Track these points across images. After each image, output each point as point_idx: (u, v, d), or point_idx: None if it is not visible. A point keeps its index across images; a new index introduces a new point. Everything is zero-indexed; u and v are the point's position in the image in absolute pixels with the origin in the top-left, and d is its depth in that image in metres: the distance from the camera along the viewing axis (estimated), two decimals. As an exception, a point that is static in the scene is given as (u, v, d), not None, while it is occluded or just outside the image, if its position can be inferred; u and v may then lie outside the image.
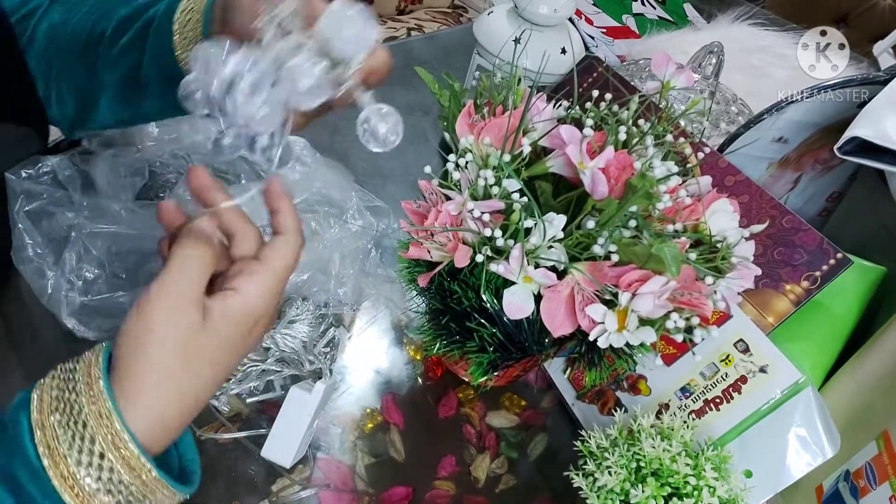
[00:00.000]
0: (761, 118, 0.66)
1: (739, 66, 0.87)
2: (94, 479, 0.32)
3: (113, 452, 0.33)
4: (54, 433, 0.32)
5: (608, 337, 0.44)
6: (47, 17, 0.58)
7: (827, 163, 0.71)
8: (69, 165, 0.61)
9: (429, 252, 0.48)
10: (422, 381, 0.65)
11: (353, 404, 0.62)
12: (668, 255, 0.40)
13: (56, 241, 0.58)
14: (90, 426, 0.32)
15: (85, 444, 0.32)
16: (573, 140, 0.44)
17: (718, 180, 0.59)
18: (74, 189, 0.60)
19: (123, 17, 0.54)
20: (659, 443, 0.46)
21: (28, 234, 0.58)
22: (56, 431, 0.32)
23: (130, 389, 0.34)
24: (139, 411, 0.34)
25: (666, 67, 0.52)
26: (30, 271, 0.58)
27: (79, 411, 0.33)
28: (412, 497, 0.57)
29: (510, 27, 0.78)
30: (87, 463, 0.32)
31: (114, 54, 0.54)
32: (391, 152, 0.41)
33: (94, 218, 0.59)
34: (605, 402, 0.60)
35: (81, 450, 0.32)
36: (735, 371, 0.52)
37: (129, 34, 0.53)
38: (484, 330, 0.48)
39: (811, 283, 0.55)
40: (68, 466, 0.32)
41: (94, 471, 0.32)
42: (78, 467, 0.32)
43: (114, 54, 0.54)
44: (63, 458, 0.32)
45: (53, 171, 0.60)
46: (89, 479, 0.32)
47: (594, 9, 1.06)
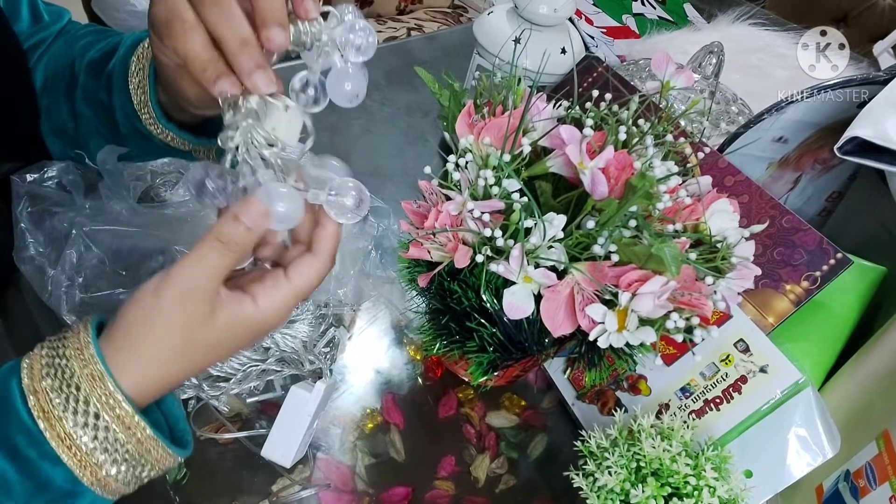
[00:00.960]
0: (761, 118, 0.66)
1: (739, 66, 0.87)
2: (91, 438, 0.33)
3: (108, 413, 0.33)
4: (47, 397, 0.33)
5: (608, 337, 0.44)
6: (49, 52, 0.59)
7: (827, 163, 0.71)
8: (73, 170, 0.61)
9: (429, 252, 0.48)
10: (422, 381, 0.65)
11: (353, 404, 0.62)
12: (668, 255, 0.41)
13: (58, 240, 0.59)
14: (83, 388, 0.33)
15: (79, 405, 0.33)
16: (573, 140, 0.44)
17: (718, 180, 0.59)
18: (77, 192, 0.61)
19: (92, 61, 0.55)
20: (659, 443, 0.46)
21: (30, 234, 0.58)
22: (49, 395, 0.33)
23: (124, 358, 0.35)
24: (131, 380, 0.35)
25: (666, 67, 0.52)
26: (31, 270, 0.58)
27: (70, 375, 0.34)
28: (412, 497, 0.57)
29: (510, 27, 0.78)
30: (82, 423, 0.33)
31: (89, 99, 0.55)
32: (391, 152, 0.41)
33: (94, 216, 0.59)
34: (605, 402, 0.60)
35: (76, 411, 0.33)
36: (735, 371, 0.52)
37: (100, 82, 0.54)
38: (484, 330, 0.48)
39: (811, 283, 0.55)
40: (64, 427, 0.33)
41: (91, 430, 0.33)
42: (74, 428, 0.33)
43: (89, 99, 0.55)
44: (59, 419, 0.33)
45: (59, 177, 0.60)
46: (86, 438, 0.33)
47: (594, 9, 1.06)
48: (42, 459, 0.33)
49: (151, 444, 0.35)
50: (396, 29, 1.76)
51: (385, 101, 0.95)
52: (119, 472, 0.35)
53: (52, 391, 0.33)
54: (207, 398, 0.58)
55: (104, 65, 0.53)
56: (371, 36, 0.38)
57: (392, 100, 0.95)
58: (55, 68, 0.57)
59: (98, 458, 0.34)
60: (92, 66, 0.54)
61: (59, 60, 0.57)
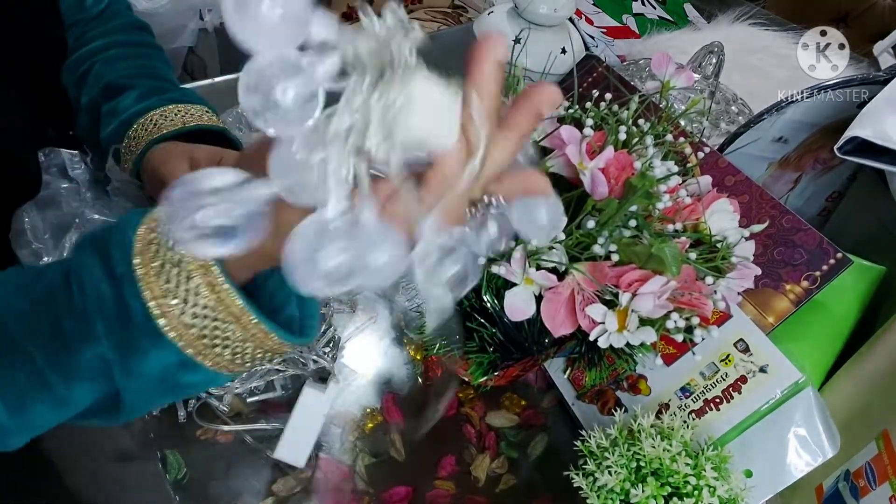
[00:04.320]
0: (761, 118, 0.66)
1: (739, 66, 0.87)
2: (181, 301, 0.31)
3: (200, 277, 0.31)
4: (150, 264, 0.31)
5: (608, 337, 0.44)
6: (84, 35, 0.62)
7: (827, 163, 0.71)
8: (80, 162, 0.61)
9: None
10: (422, 381, 0.65)
11: (353, 404, 0.62)
12: (669, 254, 0.41)
13: (59, 228, 0.58)
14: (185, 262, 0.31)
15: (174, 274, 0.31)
16: (573, 140, 0.44)
17: (718, 180, 0.59)
18: (84, 184, 0.61)
19: (108, 86, 0.58)
20: (659, 443, 0.46)
21: (29, 217, 0.58)
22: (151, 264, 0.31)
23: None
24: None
25: (666, 67, 0.52)
26: (27, 255, 0.58)
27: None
28: (412, 497, 0.57)
29: (510, 27, 0.78)
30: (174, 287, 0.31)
31: (89, 107, 0.59)
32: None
33: (100, 209, 0.59)
34: (605, 401, 0.60)
35: (169, 279, 0.31)
36: (735, 371, 0.52)
37: (111, 128, 0.57)
38: (484, 330, 0.48)
39: (811, 283, 0.55)
40: (160, 295, 0.31)
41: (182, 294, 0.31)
42: (167, 293, 0.31)
43: (89, 107, 0.59)
44: (155, 278, 0.31)
45: (63, 164, 0.61)
46: (176, 301, 0.31)
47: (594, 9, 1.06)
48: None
49: (243, 316, 0.31)
50: (396, 29, 1.76)
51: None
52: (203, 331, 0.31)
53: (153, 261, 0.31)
54: (208, 398, 0.58)
55: (118, 109, 0.57)
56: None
57: (392, 100, 0.95)
58: (78, 56, 0.60)
59: (185, 322, 0.31)
60: (105, 91, 0.58)
61: (85, 44, 0.61)
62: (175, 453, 0.56)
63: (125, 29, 0.63)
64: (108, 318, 0.31)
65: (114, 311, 0.31)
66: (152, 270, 0.30)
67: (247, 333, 0.32)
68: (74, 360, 0.31)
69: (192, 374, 0.33)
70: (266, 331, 0.32)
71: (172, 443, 0.56)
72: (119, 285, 0.31)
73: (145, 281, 0.30)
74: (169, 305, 0.30)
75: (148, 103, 0.56)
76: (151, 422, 0.57)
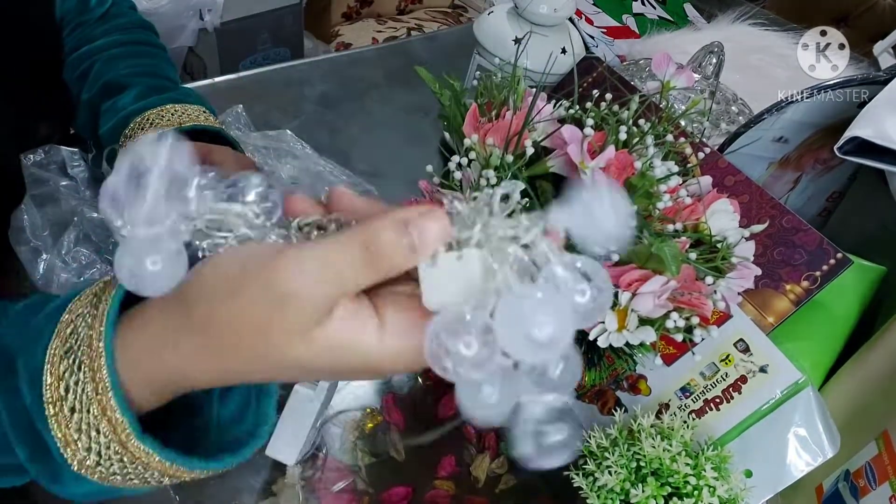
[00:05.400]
0: (761, 118, 0.66)
1: (739, 66, 0.87)
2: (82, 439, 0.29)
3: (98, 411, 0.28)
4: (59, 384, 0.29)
5: (608, 336, 0.44)
6: (84, 33, 0.63)
7: (827, 163, 0.71)
8: (80, 160, 0.61)
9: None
10: (422, 381, 0.65)
11: (353, 404, 0.62)
12: (668, 254, 0.41)
13: (58, 225, 0.59)
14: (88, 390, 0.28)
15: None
16: (574, 140, 0.44)
17: (718, 180, 0.59)
18: (82, 182, 0.61)
19: (107, 85, 0.58)
20: (659, 442, 0.46)
21: (28, 215, 0.58)
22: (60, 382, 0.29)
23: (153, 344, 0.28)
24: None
25: (666, 67, 0.52)
26: (25, 251, 0.58)
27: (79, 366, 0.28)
28: (412, 497, 0.57)
29: (510, 27, 0.78)
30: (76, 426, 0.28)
31: (89, 104, 0.59)
32: (391, 152, 0.39)
33: (96, 205, 0.60)
34: (605, 401, 0.60)
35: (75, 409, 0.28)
36: (735, 371, 0.52)
37: (108, 125, 0.57)
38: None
39: (811, 283, 0.55)
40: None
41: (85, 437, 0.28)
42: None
43: (89, 104, 0.59)
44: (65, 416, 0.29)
45: (62, 162, 0.61)
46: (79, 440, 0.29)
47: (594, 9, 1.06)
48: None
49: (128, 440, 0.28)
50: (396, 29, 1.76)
51: (385, 101, 0.95)
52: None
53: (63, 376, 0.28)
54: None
55: (116, 106, 0.57)
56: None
57: (392, 100, 0.95)
58: (79, 54, 0.61)
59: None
60: (105, 89, 0.58)
61: (87, 43, 0.61)
62: (175, 453, 0.56)
63: (128, 28, 0.63)
64: (28, 448, 0.30)
65: (32, 443, 0.30)
66: (62, 415, 0.28)
67: (173, 474, 0.30)
68: (3, 463, 0.31)
69: (128, 491, 0.31)
70: (200, 472, 0.31)
71: (172, 443, 0.56)
72: (34, 422, 0.29)
73: (56, 424, 0.28)
74: (82, 455, 0.29)
75: (146, 102, 0.56)
76: (151, 422, 0.57)
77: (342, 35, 1.72)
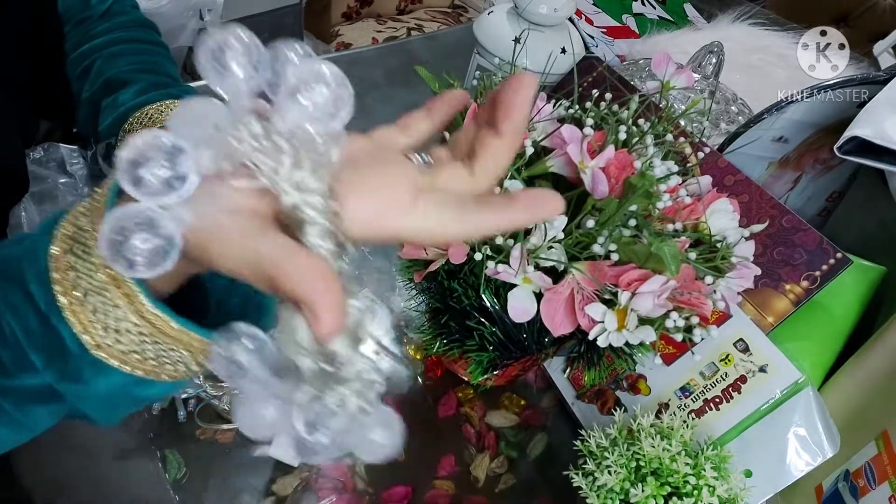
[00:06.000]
0: (761, 118, 0.66)
1: (739, 66, 0.87)
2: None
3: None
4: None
5: (608, 336, 0.44)
6: (88, 31, 0.62)
7: (827, 163, 0.71)
8: (79, 158, 0.61)
9: (425, 250, 0.48)
10: (422, 380, 0.65)
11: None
12: (668, 254, 0.41)
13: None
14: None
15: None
16: (574, 139, 0.44)
17: (718, 180, 0.59)
18: (80, 179, 0.61)
19: (109, 82, 0.58)
20: (659, 442, 0.46)
21: (27, 212, 0.58)
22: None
23: None
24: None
25: (666, 67, 0.52)
26: None
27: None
28: (412, 497, 0.57)
29: (510, 27, 0.78)
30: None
31: (90, 100, 0.58)
32: None
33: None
34: (605, 401, 0.60)
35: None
36: (735, 371, 0.52)
37: (108, 121, 0.56)
38: (484, 329, 0.48)
39: (811, 283, 0.55)
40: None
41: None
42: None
43: (90, 100, 0.58)
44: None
45: (62, 159, 0.61)
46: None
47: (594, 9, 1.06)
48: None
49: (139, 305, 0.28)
50: (396, 29, 1.76)
51: (385, 101, 0.95)
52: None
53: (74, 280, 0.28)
54: (208, 398, 0.58)
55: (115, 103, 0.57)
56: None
57: (392, 100, 0.95)
58: (81, 51, 0.60)
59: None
60: (105, 85, 0.57)
61: (88, 41, 0.61)
62: (175, 453, 0.56)
63: (130, 26, 0.63)
64: (44, 352, 0.29)
65: (47, 344, 0.29)
66: (76, 300, 0.28)
67: (194, 349, 0.30)
68: (19, 387, 0.30)
69: (150, 388, 0.31)
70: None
71: (172, 442, 0.56)
72: (46, 320, 0.29)
73: (71, 311, 0.28)
74: (101, 335, 0.29)
75: (146, 98, 0.56)
76: (151, 421, 0.57)
77: (342, 35, 1.72)
